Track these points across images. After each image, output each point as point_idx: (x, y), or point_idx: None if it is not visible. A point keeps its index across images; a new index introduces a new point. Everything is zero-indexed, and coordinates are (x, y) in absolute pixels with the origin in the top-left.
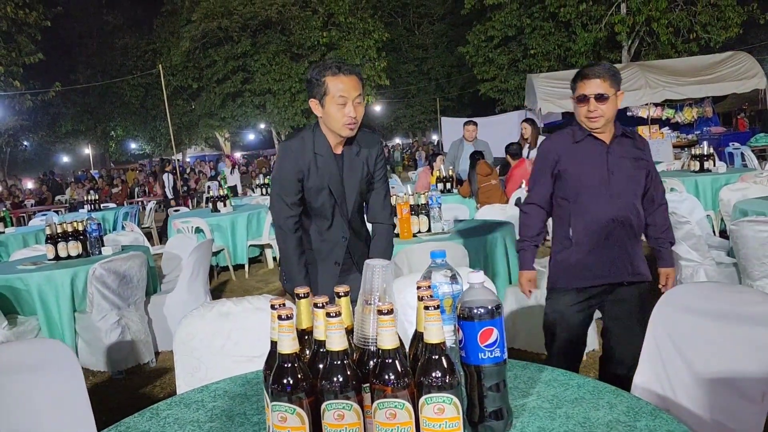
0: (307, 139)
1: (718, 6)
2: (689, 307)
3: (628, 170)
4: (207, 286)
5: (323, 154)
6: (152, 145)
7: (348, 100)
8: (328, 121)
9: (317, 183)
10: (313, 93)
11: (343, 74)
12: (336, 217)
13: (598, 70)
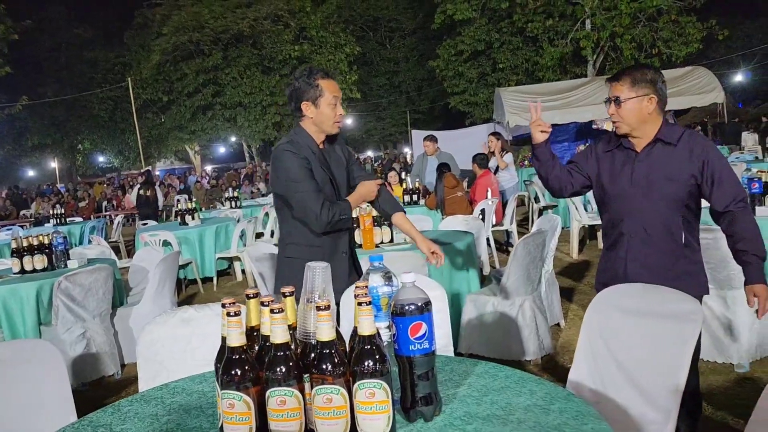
0: (298, 141)
1: (679, 22)
2: (618, 306)
3: (656, 183)
4: (173, 298)
5: (316, 151)
6: (121, 159)
7: (338, 100)
8: (320, 121)
9: (321, 176)
10: (306, 96)
11: (331, 78)
12: None
13: (619, 72)
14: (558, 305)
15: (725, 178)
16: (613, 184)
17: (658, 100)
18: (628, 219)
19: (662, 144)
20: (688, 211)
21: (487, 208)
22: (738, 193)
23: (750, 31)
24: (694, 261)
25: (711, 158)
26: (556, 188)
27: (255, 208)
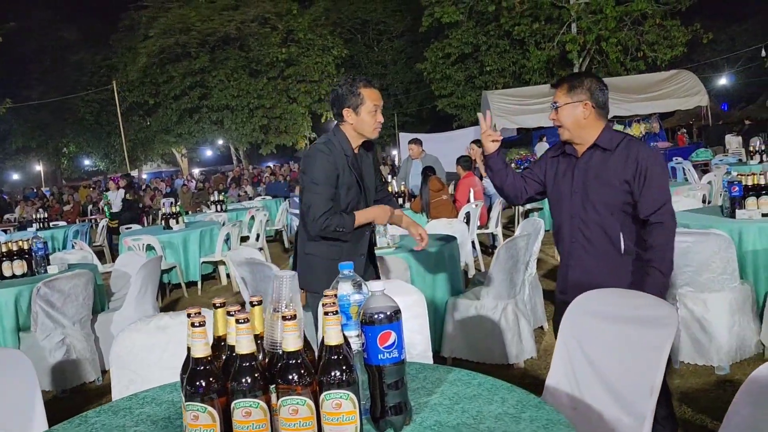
0: (335, 142)
1: (664, 26)
2: (594, 312)
3: (593, 188)
4: (155, 303)
5: (350, 155)
6: (106, 162)
7: (378, 108)
8: (360, 127)
9: (349, 180)
10: (347, 103)
11: (373, 87)
12: (361, 209)
13: (559, 80)
14: (541, 308)
15: (654, 187)
16: (555, 189)
17: (594, 105)
18: (569, 224)
19: (601, 150)
20: (627, 217)
21: (472, 211)
22: (662, 204)
23: (734, 34)
24: (636, 268)
25: (645, 164)
26: (511, 196)
27: (241, 212)
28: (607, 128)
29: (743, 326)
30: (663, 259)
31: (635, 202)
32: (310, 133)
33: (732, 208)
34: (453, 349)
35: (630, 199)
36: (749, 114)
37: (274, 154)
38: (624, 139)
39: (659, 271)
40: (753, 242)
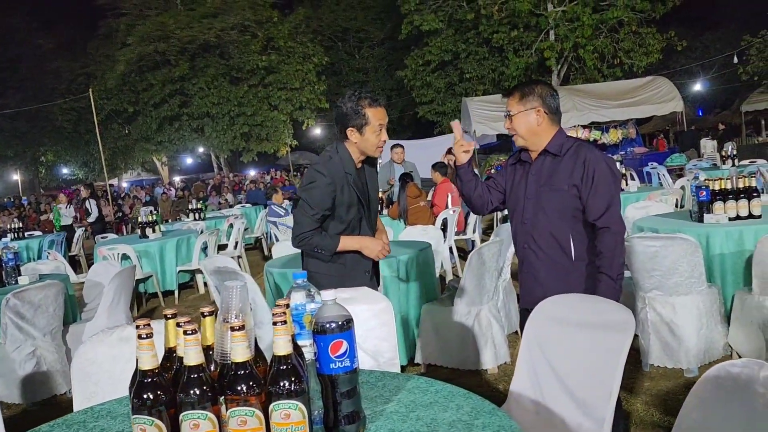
0: (336, 161)
1: (640, 33)
2: (556, 317)
3: (544, 194)
4: (129, 313)
5: (352, 172)
6: (85, 170)
7: (383, 126)
8: (364, 146)
9: (349, 198)
10: (351, 123)
11: (378, 105)
12: (363, 228)
13: (511, 88)
14: (515, 314)
15: (600, 191)
16: (512, 197)
17: (546, 111)
18: (522, 231)
19: (551, 156)
20: (578, 222)
21: (450, 217)
22: (606, 208)
23: (708, 42)
24: (589, 275)
25: (592, 168)
26: (477, 206)
27: (219, 220)
28: (559, 133)
29: (711, 329)
30: (611, 265)
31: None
32: (291, 140)
33: (700, 213)
34: (427, 356)
35: (579, 204)
36: (723, 119)
37: (256, 162)
38: (574, 144)
39: (609, 276)
40: (720, 246)
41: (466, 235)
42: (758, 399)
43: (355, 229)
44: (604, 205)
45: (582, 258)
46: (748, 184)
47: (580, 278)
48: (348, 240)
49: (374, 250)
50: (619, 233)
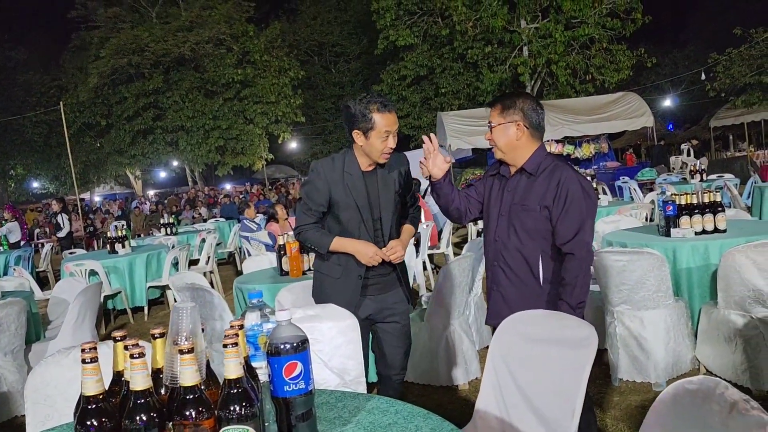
0: (338, 159)
1: (611, 50)
2: (521, 333)
3: (516, 213)
4: (94, 332)
5: (353, 173)
6: (56, 184)
7: (390, 134)
8: (369, 150)
9: (344, 199)
10: (357, 126)
11: (388, 111)
12: (362, 232)
13: (493, 99)
14: (487, 329)
15: (571, 215)
16: (487, 210)
17: (527, 126)
18: (493, 247)
19: (526, 174)
20: (548, 245)
21: (423, 231)
22: (575, 234)
23: (676, 59)
24: (552, 298)
25: (567, 190)
26: (456, 216)
27: (191, 235)
28: (538, 151)
29: (679, 342)
30: (572, 293)
31: (554, 230)
32: (267, 154)
33: (667, 227)
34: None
35: (550, 226)
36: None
37: (231, 176)
38: (551, 163)
39: (568, 304)
40: (686, 260)
41: (439, 249)
42: (714, 416)
43: (353, 232)
44: (573, 230)
45: (550, 281)
46: (714, 198)
47: (546, 302)
48: (341, 241)
49: (365, 255)
50: (584, 260)
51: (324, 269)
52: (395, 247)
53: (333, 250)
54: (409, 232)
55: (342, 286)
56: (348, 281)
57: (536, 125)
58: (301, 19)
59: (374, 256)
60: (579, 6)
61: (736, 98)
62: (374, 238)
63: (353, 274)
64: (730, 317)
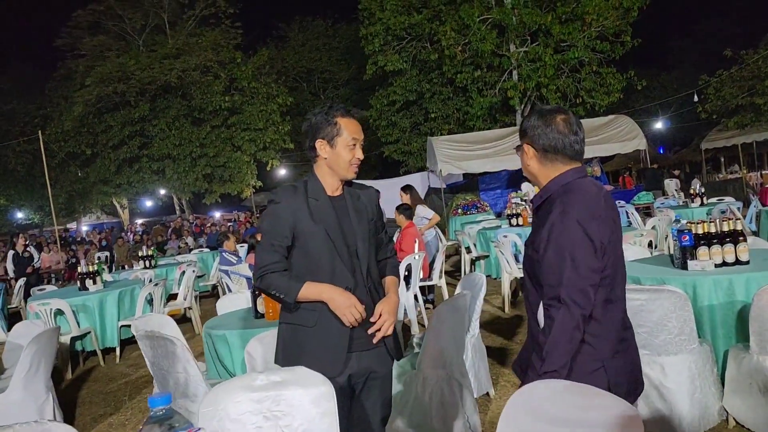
0: (300, 185)
1: (600, 73)
2: (537, 412)
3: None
4: (49, 384)
5: (317, 197)
6: (41, 215)
7: (357, 142)
8: (334, 163)
9: (311, 228)
10: (321, 134)
11: (353, 117)
12: (338, 268)
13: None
14: (486, 373)
15: (552, 251)
16: None
17: (539, 149)
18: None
19: (536, 209)
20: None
21: (414, 263)
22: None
23: (665, 82)
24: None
25: (552, 223)
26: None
27: (171, 268)
28: (557, 178)
29: (705, 392)
30: (545, 357)
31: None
32: (255, 181)
33: (683, 259)
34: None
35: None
36: (684, 157)
37: (219, 204)
38: (552, 195)
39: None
40: (708, 296)
41: (431, 281)
42: None
43: (325, 266)
44: (553, 275)
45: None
46: (733, 227)
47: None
48: (314, 287)
49: (341, 307)
50: (568, 317)
51: (294, 319)
52: (384, 314)
53: (302, 298)
54: (395, 287)
55: (321, 337)
56: (330, 330)
57: (546, 145)
58: (289, 46)
59: (351, 311)
60: (568, 29)
61: (727, 120)
62: (352, 273)
63: (333, 328)
64: (766, 364)
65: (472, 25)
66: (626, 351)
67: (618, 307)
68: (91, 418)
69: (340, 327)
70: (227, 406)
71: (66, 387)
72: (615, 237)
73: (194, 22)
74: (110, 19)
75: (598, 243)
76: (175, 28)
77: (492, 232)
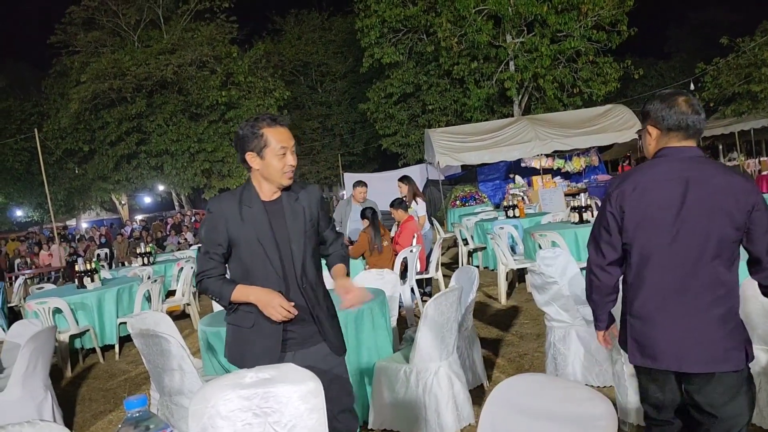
0: (236, 192)
1: (597, 63)
2: (516, 405)
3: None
4: (48, 382)
5: (251, 204)
6: (40, 212)
7: (287, 149)
8: (268, 173)
9: (243, 234)
10: (249, 147)
11: (280, 125)
12: (269, 273)
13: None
14: (480, 364)
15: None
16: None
17: (660, 129)
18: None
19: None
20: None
21: (410, 257)
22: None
23: (663, 70)
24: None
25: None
26: None
27: (169, 264)
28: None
29: None
30: None
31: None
32: None
33: None
34: (382, 421)
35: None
36: None
37: None
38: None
39: None
40: None
41: (428, 274)
42: None
43: (257, 273)
44: None
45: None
46: None
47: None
48: (243, 289)
49: (267, 306)
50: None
51: (234, 320)
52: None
53: (235, 300)
54: (342, 272)
55: (257, 338)
56: (264, 331)
57: (674, 126)
58: (285, 40)
59: (278, 306)
60: (564, 19)
61: (725, 108)
62: (284, 278)
63: (269, 322)
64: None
65: (468, 16)
66: None
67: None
68: (91, 415)
69: (273, 327)
70: (217, 404)
71: (66, 385)
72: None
73: (189, 16)
74: (104, 15)
75: None
76: (169, 23)
77: (489, 223)
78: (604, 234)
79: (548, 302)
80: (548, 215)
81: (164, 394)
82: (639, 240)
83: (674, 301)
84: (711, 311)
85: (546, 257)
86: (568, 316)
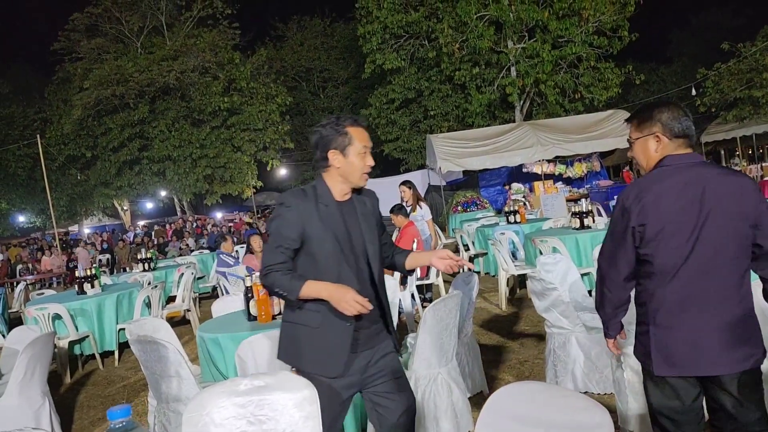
0: (309, 190)
1: (598, 68)
2: (513, 414)
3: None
4: (46, 389)
5: (327, 203)
6: (43, 218)
7: (368, 149)
8: (347, 172)
9: (320, 233)
10: (333, 144)
11: (360, 126)
12: (344, 271)
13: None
14: (480, 372)
15: None
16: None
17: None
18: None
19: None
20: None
21: None
22: None
23: (664, 76)
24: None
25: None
26: None
27: (170, 270)
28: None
29: None
30: None
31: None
32: (255, 181)
33: None
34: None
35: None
36: None
37: (221, 204)
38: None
39: None
40: None
41: (428, 280)
42: None
43: (331, 271)
44: None
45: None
46: None
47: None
48: (315, 285)
49: (341, 301)
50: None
51: (297, 318)
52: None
53: (304, 296)
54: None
55: (323, 338)
56: (333, 331)
57: (681, 133)
58: (287, 45)
59: (351, 301)
60: (565, 25)
61: (726, 113)
62: (357, 276)
63: (340, 321)
64: None
65: (469, 22)
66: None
67: None
68: (89, 422)
69: (343, 327)
70: (212, 411)
71: (65, 391)
72: None
73: (192, 23)
74: (108, 22)
75: None
76: (172, 30)
77: (490, 229)
78: (620, 249)
79: (548, 308)
80: (549, 221)
81: (162, 400)
82: (661, 249)
83: (699, 305)
84: (735, 311)
85: (546, 263)
86: (568, 322)
